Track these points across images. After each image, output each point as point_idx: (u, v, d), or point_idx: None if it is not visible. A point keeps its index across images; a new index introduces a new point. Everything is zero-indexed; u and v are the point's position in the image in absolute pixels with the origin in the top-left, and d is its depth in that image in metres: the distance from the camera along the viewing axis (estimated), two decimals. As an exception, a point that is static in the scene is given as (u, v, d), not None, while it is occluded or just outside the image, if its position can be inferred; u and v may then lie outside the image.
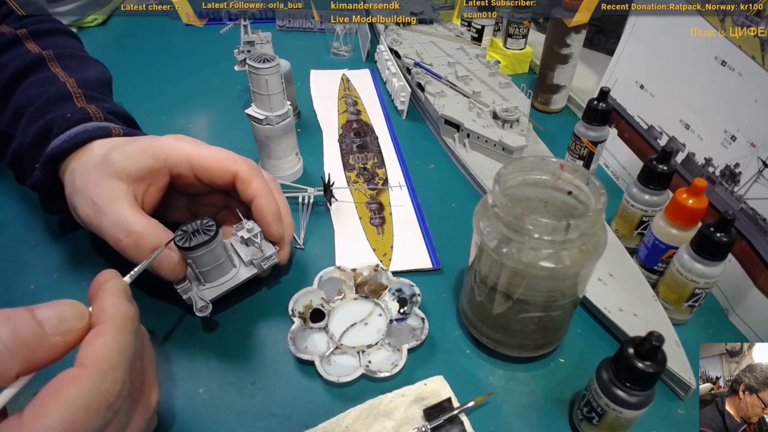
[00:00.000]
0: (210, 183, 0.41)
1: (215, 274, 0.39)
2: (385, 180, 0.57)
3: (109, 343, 0.26)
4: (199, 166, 0.40)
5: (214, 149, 0.41)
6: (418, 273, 0.46)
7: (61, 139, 0.40)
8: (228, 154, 0.41)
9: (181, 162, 0.39)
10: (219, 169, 0.40)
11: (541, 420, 0.36)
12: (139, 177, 0.38)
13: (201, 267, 0.38)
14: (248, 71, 0.49)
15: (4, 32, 0.50)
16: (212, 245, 0.37)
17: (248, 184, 0.40)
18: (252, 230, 0.40)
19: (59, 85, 0.45)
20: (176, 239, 0.36)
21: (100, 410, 0.25)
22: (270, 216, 0.40)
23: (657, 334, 0.28)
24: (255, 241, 0.40)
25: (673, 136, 0.50)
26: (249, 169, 0.40)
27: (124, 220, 0.36)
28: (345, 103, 0.71)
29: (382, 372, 0.37)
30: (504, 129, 0.58)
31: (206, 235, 0.36)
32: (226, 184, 0.40)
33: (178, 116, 0.68)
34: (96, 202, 0.37)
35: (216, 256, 0.38)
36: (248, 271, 0.40)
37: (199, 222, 0.37)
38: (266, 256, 0.40)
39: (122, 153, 0.38)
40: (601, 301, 0.42)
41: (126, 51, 0.85)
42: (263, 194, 0.40)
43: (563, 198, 0.35)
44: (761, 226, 0.40)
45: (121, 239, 0.36)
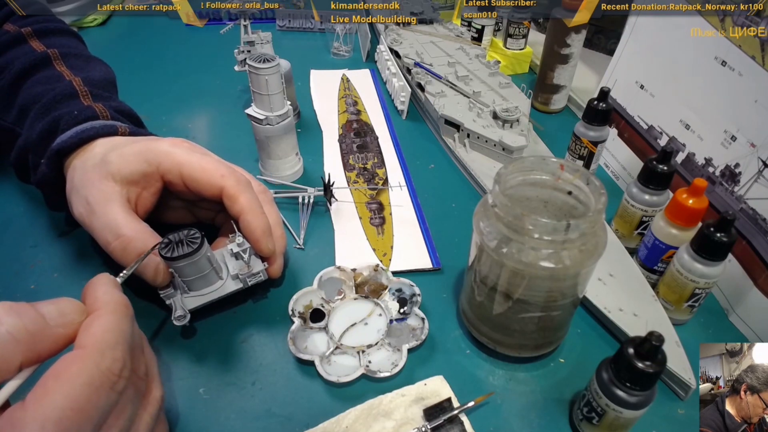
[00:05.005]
0: (198, 194, 0.40)
1: (199, 284, 0.38)
2: (385, 180, 0.57)
3: (105, 324, 0.26)
4: (188, 175, 0.39)
5: (205, 159, 0.39)
6: (418, 273, 0.46)
7: (68, 134, 0.40)
8: (217, 167, 0.39)
9: (171, 169, 0.39)
10: (206, 181, 0.39)
11: (541, 420, 0.36)
12: (133, 180, 0.38)
13: (184, 276, 0.37)
14: (248, 71, 0.49)
15: (8, 30, 0.50)
16: (195, 258, 0.36)
17: (235, 200, 0.39)
18: (242, 245, 0.39)
19: (65, 83, 0.45)
20: (160, 248, 0.35)
21: (103, 388, 0.25)
22: (258, 232, 0.39)
23: (657, 334, 0.28)
24: (243, 256, 0.39)
25: (673, 136, 0.50)
26: (236, 184, 0.39)
27: (114, 223, 0.36)
28: (345, 103, 0.71)
29: (382, 372, 0.37)
30: (504, 129, 0.58)
31: (189, 247, 0.35)
32: (213, 196, 0.39)
33: (178, 116, 0.68)
34: (90, 202, 0.37)
35: (199, 268, 0.37)
36: (234, 285, 0.40)
37: (185, 232, 0.36)
38: (253, 273, 0.39)
39: (119, 154, 0.38)
40: (601, 301, 0.42)
41: (126, 51, 0.85)
42: (250, 210, 0.39)
43: (563, 198, 0.35)
44: (761, 226, 0.40)
45: (109, 241, 0.36)
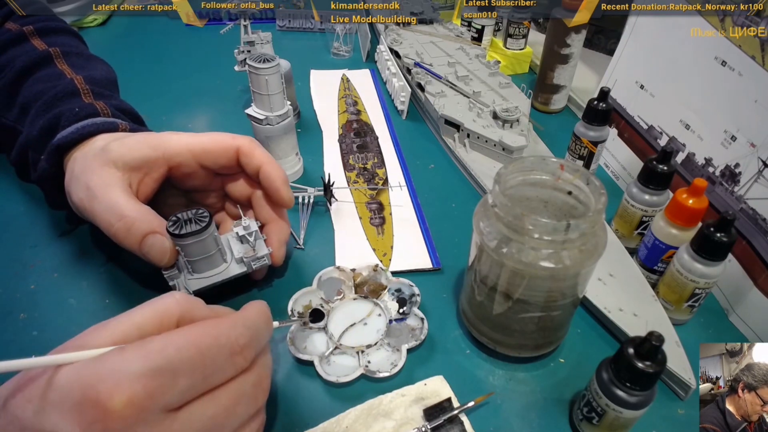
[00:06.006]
0: (213, 165, 0.41)
1: (204, 265, 0.39)
2: (385, 180, 0.57)
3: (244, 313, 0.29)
4: (200, 150, 0.40)
5: (211, 133, 0.41)
6: (418, 273, 0.46)
7: (68, 131, 0.41)
8: (226, 134, 0.41)
9: (180, 151, 0.40)
10: (220, 148, 0.40)
11: (541, 420, 0.36)
12: (135, 166, 0.39)
13: (190, 256, 0.38)
14: (248, 71, 0.49)
15: (10, 29, 0.50)
16: (203, 236, 0.36)
17: (251, 155, 0.41)
18: (248, 228, 0.40)
19: (67, 81, 0.45)
20: (168, 225, 0.36)
21: (223, 350, 0.26)
22: (279, 181, 0.41)
23: (657, 334, 0.28)
24: (249, 240, 0.40)
25: (673, 136, 0.50)
26: (250, 142, 0.41)
27: (116, 205, 0.36)
28: (345, 103, 0.71)
29: (381, 372, 0.37)
30: (504, 129, 0.58)
31: (198, 224, 0.36)
32: (229, 162, 0.41)
33: (178, 116, 0.68)
34: (90, 188, 0.37)
35: (206, 248, 0.37)
36: (239, 268, 0.40)
37: (194, 211, 0.37)
38: (258, 256, 0.40)
39: (121, 143, 0.39)
40: (601, 301, 0.42)
41: (126, 51, 0.85)
42: (268, 162, 0.41)
43: (563, 198, 0.35)
44: (761, 226, 0.40)
45: (112, 224, 0.36)
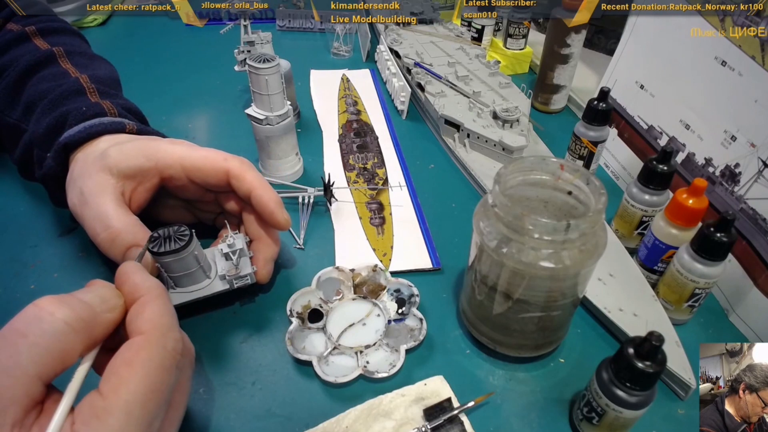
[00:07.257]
0: (204, 184, 0.40)
1: (185, 281, 0.38)
2: (385, 180, 0.57)
3: (157, 309, 0.27)
4: (191, 166, 0.39)
5: (205, 150, 0.40)
6: (418, 273, 0.46)
7: (76, 129, 0.41)
8: (219, 153, 0.40)
9: (172, 164, 0.39)
10: (211, 168, 0.39)
11: (541, 420, 0.36)
12: (130, 174, 0.38)
13: (170, 272, 0.37)
14: (248, 71, 0.49)
15: (11, 29, 0.50)
16: (181, 254, 0.36)
17: (242, 179, 0.39)
18: (232, 246, 0.39)
19: (72, 79, 0.45)
20: (148, 242, 0.35)
21: (171, 368, 0.26)
22: (272, 204, 0.39)
23: (657, 334, 0.28)
24: (232, 258, 0.39)
25: (673, 136, 0.50)
26: (240, 164, 0.40)
27: (104, 214, 0.36)
28: (345, 103, 0.71)
29: (379, 372, 0.37)
30: (504, 129, 0.58)
31: (177, 243, 0.36)
32: (219, 182, 0.40)
33: (179, 116, 0.68)
34: (83, 192, 0.37)
35: (186, 265, 0.37)
36: (221, 285, 0.40)
37: (175, 228, 0.36)
38: (240, 275, 0.39)
39: (119, 149, 0.39)
40: (601, 301, 0.42)
41: (126, 51, 0.85)
42: (259, 185, 0.39)
43: (563, 198, 0.35)
44: (761, 226, 0.40)
45: (98, 233, 0.36)
